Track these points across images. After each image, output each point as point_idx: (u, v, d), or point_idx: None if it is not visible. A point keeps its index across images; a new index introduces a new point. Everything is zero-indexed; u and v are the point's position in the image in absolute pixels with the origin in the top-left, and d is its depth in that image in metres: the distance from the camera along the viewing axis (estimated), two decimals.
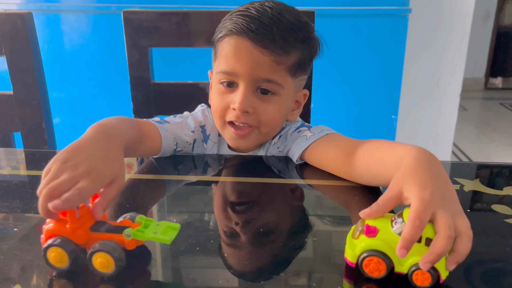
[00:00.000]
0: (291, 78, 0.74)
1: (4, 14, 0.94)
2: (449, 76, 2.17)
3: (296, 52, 0.72)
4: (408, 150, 0.55)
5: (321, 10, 1.24)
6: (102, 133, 0.56)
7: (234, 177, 0.74)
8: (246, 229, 0.56)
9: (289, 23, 0.71)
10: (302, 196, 0.69)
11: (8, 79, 0.98)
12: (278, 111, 0.74)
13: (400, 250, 0.42)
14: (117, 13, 1.79)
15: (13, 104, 0.99)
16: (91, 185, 0.48)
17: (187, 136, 0.80)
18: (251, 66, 0.70)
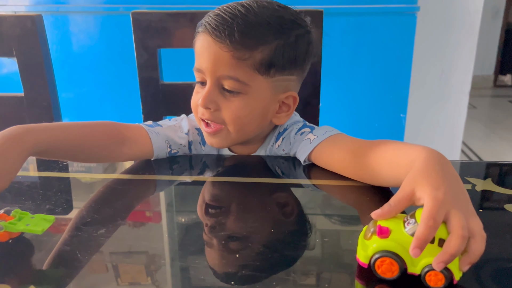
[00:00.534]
0: (263, 76, 0.70)
1: (14, 16, 0.95)
2: (458, 74, 2.15)
3: (264, 49, 0.69)
4: (419, 152, 0.55)
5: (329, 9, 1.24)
6: (5, 132, 0.59)
7: (243, 178, 0.74)
8: (257, 230, 0.56)
9: (259, 19, 0.68)
10: (311, 196, 0.69)
11: (19, 80, 0.99)
12: (245, 111, 0.72)
13: (414, 250, 0.42)
14: (125, 14, 1.81)
15: (23, 106, 1.00)
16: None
17: (181, 138, 0.81)
18: (212, 62, 0.70)
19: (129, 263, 0.51)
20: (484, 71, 4.46)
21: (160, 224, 0.61)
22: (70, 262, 0.50)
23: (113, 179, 0.74)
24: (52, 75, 1.00)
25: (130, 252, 0.53)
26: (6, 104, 1.01)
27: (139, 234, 0.57)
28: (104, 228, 0.56)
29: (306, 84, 1.04)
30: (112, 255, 0.52)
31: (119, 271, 0.50)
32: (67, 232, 0.56)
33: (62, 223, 0.58)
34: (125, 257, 0.52)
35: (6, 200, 0.64)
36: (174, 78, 1.07)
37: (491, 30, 4.30)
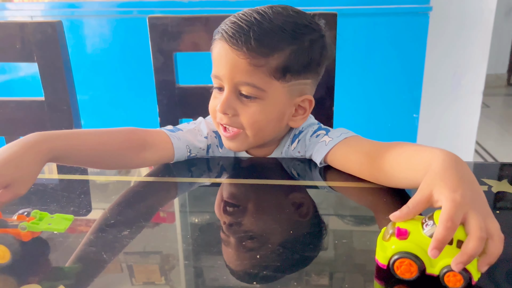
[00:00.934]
0: (279, 82, 0.72)
1: (36, 23, 0.97)
2: (472, 73, 2.14)
3: (280, 55, 0.70)
4: (435, 154, 0.55)
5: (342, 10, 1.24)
6: (22, 141, 0.61)
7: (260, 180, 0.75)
8: (276, 231, 0.57)
9: (273, 26, 0.70)
10: (327, 198, 0.70)
11: (39, 85, 1.01)
12: (262, 115, 0.74)
13: (432, 251, 0.43)
14: (139, 18, 1.83)
15: (44, 110, 1.02)
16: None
17: (200, 142, 0.82)
18: (229, 69, 0.71)
19: (143, 263, 0.52)
20: (498, 69, 4.41)
21: (174, 224, 0.63)
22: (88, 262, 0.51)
23: (134, 181, 0.75)
24: (72, 80, 1.02)
25: (144, 252, 0.54)
26: (27, 108, 1.03)
27: (154, 234, 0.59)
28: (125, 229, 0.58)
29: (320, 85, 1.04)
30: (127, 255, 0.53)
31: (133, 270, 0.51)
32: (89, 233, 0.57)
33: (84, 224, 0.60)
34: (139, 257, 0.53)
35: (31, 202, 0.66)
36: (190, 81, 1.08)
37: (504, 28, 4.25)
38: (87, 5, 1.91)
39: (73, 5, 1.91)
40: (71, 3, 1.93)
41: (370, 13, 1.75)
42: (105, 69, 1.91)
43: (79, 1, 1.94)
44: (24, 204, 0.65)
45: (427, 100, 1.99)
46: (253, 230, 0.58)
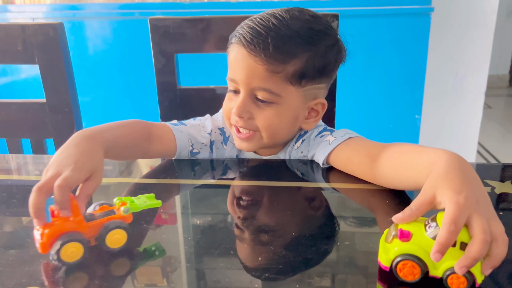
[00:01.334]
0: (294, 87, 0.73)
1: (37, 25, 0.97)
2: (474, 74, 2.14)
3: (297, 61, 0.71)
4: (439, 155, 0.55)
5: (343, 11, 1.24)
6: (77, 137, 0.62)
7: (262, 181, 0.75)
8: (278, 233, 0.57)
9: (291, 32, 0.70)
10: (330, 199, 0.70)
11: (41, 87, 1.01)
12: (277, 119, 0.74)
13: (435, 254, 0.43)
14: (141, 19, 1.83)
15: (46, 112, 1.02)
16: (73, 174, 0.54)
17: (203, 137, 0.83)
18: (247, 75, 0.72)
19: (145, 265, 0.52)
20: (500, 70, 4.40)
21: (176, 226, 0.63)
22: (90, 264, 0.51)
23: (135, 183, 0.75)
24: (73, 82, 1.02)
25: (146, 253, 0.54)
26: (28, 110, 1.03)
27: (156, 236, 0.58)
28: None
29: None
30: (129, 257, 0.53)
31: (135, 272, 0.51)
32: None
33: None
34: (141, 258, 0.53)
35: None
36: (191, 83, 1.08)
37: (506, 29, 4.24)
38: (88, 7, 1.92)
39: (74, 7, 1.92)
40: (72, 5, 1.93)
41: (372, 14, 1.75)
42: (106, 71, 1.92)
43: (80, 3, 1.94)
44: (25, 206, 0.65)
45: (429, 101, 1.99)
46: (255, 232, 0.58)
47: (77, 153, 0.58)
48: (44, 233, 0.49)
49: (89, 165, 0.57)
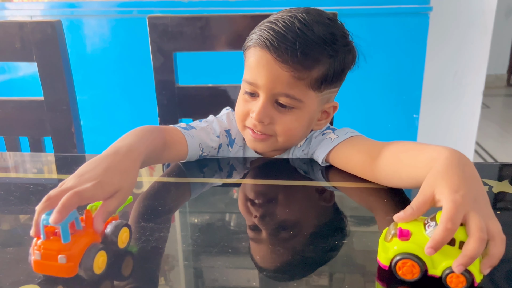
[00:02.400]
0: (315, 92, 0.73)
1: (35, 22, 0.97)
2: (472, 73, 2.14)
3: (320, 67, 0.71)
4: (439, 152, 0.55)
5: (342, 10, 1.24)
6: (115, 149, 0.58)
7: (262, 180, 0.75)
8: (277, 232, 0.57)
9: (316, 38, 0.69)
10: (330, 198, 0.70)
11: (39, 85, 1.01)
12: (296, 124, 0.75)
13: (428, 250, 0.43)
14: (139, 17, 1.83)
15: (43, 109, 1.02)
16: (90, 189, 0.49)
17: (213, 141, 0.82)
18: (270, 80, 0.71)
19: (143, 263, 0.51)
20: (497, 70, 4.41)
21: (174, 224, 0.62)
22: None
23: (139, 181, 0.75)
24: (71, 80, 1.02)
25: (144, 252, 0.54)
26: (26, 108, 1.03)
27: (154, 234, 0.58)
28: None
29: None
30: (127, 255, 0.53)
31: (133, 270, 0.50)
32: None
33: None
34: (139, 257, 0.53)
35: (31, 202, 0.65)
36: (189, 81, 1.08)
37: (504, 29, 4.25)
38: (86, 4, 1.91)
39: (72, 5, 1.91)
40: (70, 3, 1.93)
41: (370, 13, 1.75)
42: (104, 69, 1.91)
43: (78, 1, 1.93)
44: (23, 204, 0.65)
45: (427, 100, 1.99)
46: (253, 231, 0.58)
47: (104, 169, 0.53)
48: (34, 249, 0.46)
49: (112, 183, 0.52)
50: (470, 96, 2.17)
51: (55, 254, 0.45)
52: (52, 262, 0.45)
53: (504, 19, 4.24)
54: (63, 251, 0.45)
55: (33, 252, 0.46)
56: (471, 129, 2.22)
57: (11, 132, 1.08)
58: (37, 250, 0.45)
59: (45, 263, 0.45)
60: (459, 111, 2.19)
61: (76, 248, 0.46)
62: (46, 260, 0.45)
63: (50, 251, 0.45)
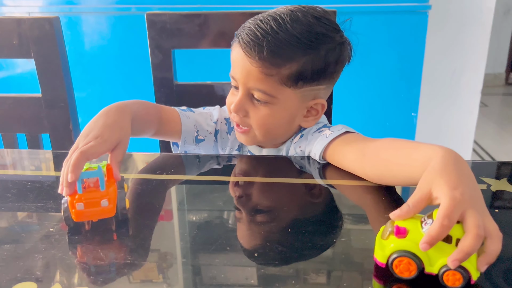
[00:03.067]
0: (290, 88, 0.74)
1: (33, 18, 0.96)
2: (470, 72, 2.14)
3: (293, 65, 0.71)
4: (435, 151, 0.55)
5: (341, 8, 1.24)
6: (109, 108, 0.70)
7: (259, 177, 0.75)
8: (274, 229, 0.57)
9: (288, 36, 0.70)
10: (328, 196, 0.70)
11: (36, 81, 1.01)
12: (271, 118, 0.76)
13: (423, 245, 0.43)
14: (138, 14, 1.82)
15: (41, 106, 1.02)
16: (94, 146, 0.61)
17: (209, 125, 0.87)
18: (243, 75, 0.74)
19: (141, 260, 0.51)
20: (496, 69, 4.41)
21: (172, 222, 0.62)
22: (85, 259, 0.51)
23: (131, 179, 0.75)
24: (69, 76, 1.02)
25: (142, 249, 0.54)
26: (24, 105, 1.03)
27: (152, 232, 0.58)
28: (123, 227, 0.57)
29: None
30: (125, 253, 0.53)
31: (131, 268, 0.50)
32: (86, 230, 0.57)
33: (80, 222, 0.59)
34: (137, 254, 0.53)
35: (28, 199, 0.65)
36: (188, 79, 1.08)
37: (503, 28, 4.25)
38: (85, 1, 1.90)
39: (71, 2, 1.90)
40: (69, 0, 1.92)
41: (369, 11, 1.75)
42: (103, 66, 1.91)
43: None
44: (20, 201, 0.65)
45: (426, 99, 1.99)
46: (251, 228, 0.58)
47: (104, 126, 0.64)
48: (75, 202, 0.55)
49: (114, 138, 0.64)
50: (468, 94, 2.17)
51: (98, 200, 0.56)
52: (95, 208, 0.56)
53: (502, 18, 4.23)
54: (105, 196, 0.56)
55: (73, 206, 0.55)
56: (469, 127, 2.22)
57: (8, 129, 1.07)
58: (78, 202, 0.55)
59: (87, 211, 0.56)
60: (457, 110, 2.19)
61: (112, 193, 0.57)
62: (89, 208, 0.55)
63: (92, 199, 0.56)
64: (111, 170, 0.60)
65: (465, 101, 2.18)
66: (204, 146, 0.90)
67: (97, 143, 0.61)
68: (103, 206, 0.56)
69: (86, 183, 0.58)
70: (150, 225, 0.60)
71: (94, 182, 0.58)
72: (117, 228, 0.57)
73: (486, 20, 2.08)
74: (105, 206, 0.56)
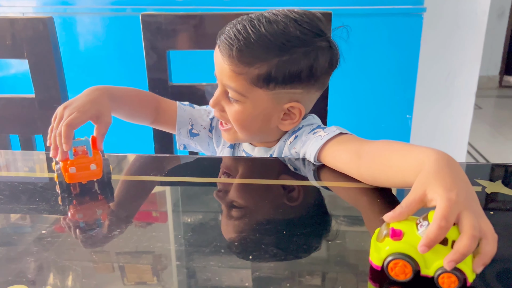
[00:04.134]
0: (261, 89, 0.75)
1: (26, 19, 0.96)
2: (465, 74, 2.15)
3: (263, 66, 0.72)
4: (428, 154, 0.55)
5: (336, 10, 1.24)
6: (91, 88, 0.79)
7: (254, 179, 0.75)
8: (270, 232, 0.57)
9: (260, 37, 0.71)
10: (322, 198, 0.70)
11: (30, 82, 1.00)
12: (243, 116, 0.78)
13: (422, 247, 0.43)
14: (133, 15, 1.82)
15: (34, 107, 1.01)
16: (78, 116, 0.70)
17: (204, 121, 0.92)
18: (218, 72, 0.78)
19: (135, 263, 0.51)
20: (490, 71, 4.44)
21: (167, 224, 0.62)
22: (79, 262, 0.51)
23: (122, 180, 0.74)
24: (63, 77, 1.01)
25: (136, 252, 0.53)
26: (17, 106, 1.02)
27: (146, 234, 0.58)
28: (117, 229, 0.57)
29: None
30: (119, 255, 0.53)
31: (125, 270, 0.50)
32: (80, 233, 0.56)
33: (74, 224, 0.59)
34: (131, 256, 0.52)
35: (21, 201, 0.65)
36: (183, 80, 1.07)
37: (496, 31, 4.28)
38: (79, 2, 1.89)
39: (65, 2, 1.90)
40: (63, 0, 1.91)
41: (365, 13, 1.76)
42: (97, 67, 1.90)
43: None
44: (13, 203, 0.64)
45: (421, 101, 2.00)
46: (246, 230, 0.58)
47: (83, 100, 0.74)
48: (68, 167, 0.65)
49: (93, 110, 0.73)
50: (463, 97, 2.18)
51: (87, 164, 0.66)
52: (85, 171, 0.66)
53: (496, 20, 4.27)
54: (92, 161, 0.67)
55: (66, 170, 0.66)
56: (463, 129, 2.23)
57: (1, 130, 1.07)
58: (71, 166, 0.66)
59: (79, 174, 0.66)
60: (452, 112, 2.20)
61: (99, 158, 0.67)
62: (80, 171, 0.66)
63: (82, 163, 0.66)
64: (95, 140, 0.71)
65: (459, 103, 2.19)
66: (199, 141, 0.93)
67: (79, 114, 0.70)
68: (92, 170, 0.66)
69: (76, 151, 0.68)
70: (144, 226, 0.59)
71: (82, 150, 0.68)
72: (110, 231, 0.57)
73: (480, 22, 2.09)
74: (94, 169, 0.67)
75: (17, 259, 0.51)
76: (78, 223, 0.60)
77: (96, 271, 0.49)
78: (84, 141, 0.68)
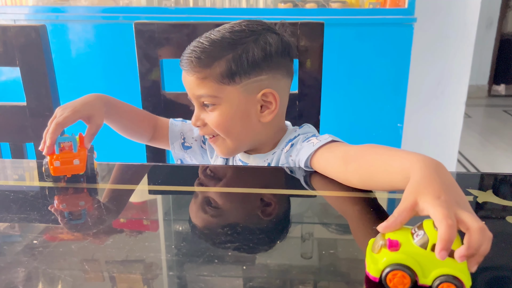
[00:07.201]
0: (230, 86, 0.77)
1: (18, 26, 0.95)
2: (454, 84, 2.18)
3: (220, 64, 0.77)
4: (412, 161, 0.55)
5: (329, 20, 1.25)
6: (89, 94, 0.83)
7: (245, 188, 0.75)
8: (263, 241, 0.56)
9: (209, 42, 0.78)
10: (314, 207, 0.69)
11: (21, 90, 0.99)
12: (223, 118, 0.79)
13: (441, 253, 0.42)
14: (125, 23, 1.82)
15: (26, 115, 1.00)
16: (68, 116, 0.75)
17: (194, 134, 0.94)
18: (187, 88, 0.81)
19: (126, 272, 0.51)
20: (479, 80, 4.50)
21: (158, 232, 0.61)
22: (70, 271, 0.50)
23: (114, 189, 0.74)
24: (55, 85, 1.00)
25: (127, 260, 0.53)
26: (8, 114, 1.01)
27: (137, 242, 0.57)
28: (108, 238, 0.56)
29: (307, 94, 1.04)
30: (109, 264, 0.52)
31: (115, 280, 0.50)
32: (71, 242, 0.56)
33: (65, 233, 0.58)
34: (122, 265, 0.52)
35: (11, 210, 0.64)
36: (175, 88, 1.07)
37: (485, 40, 4.35)
38: (72, 9, 1.89)
39: (57, 10, 1.89)
40: (55, 8, 1.91)
41: (356, 23, 1.77)
42: (89, 75, 1.89)
43: (63, 6, 1.91)
44: (3, 212, 0.63)
45: (411, 110, 2.02)
46: (238, 240, 0.57)
47: (79, 103, 0.79)
48: (53, 161, 0.71)
49: (85, 111, 0.78)
50: (452, 106, 2.21)
51: (71, 159, 0.71)
52: (69, 166, 0.72)
53: (485, 31, 4.34)
54: (76, 157, 0.72)
55: (52, 163, 0.71)
56: (454, 138, 2.25)
57: None
58: (56, 160, 0.71)
59: (63, 167, 0.71)
60: (442, 121, 2.23)
61: (83, 155, 0.73)
62: (64, 165, 0.71)
63: (67, 158, 0.71)
64: (82, 138, 0.75)
65: (449, 112, 2.21)
66: (192, 154, 0.95)
67: (70, 114, 0.76)
68: (75, 164, 0.71)
69: (63, 146, 0.73)
70: (136, 235, 0.58)
71: (69, 146, 0.73)
72: (101, 240, 0.56)
73: (470, 33, 2.13)
74: (77, 164, 0.71)
75: (7, 269, 0.50)
76: (69, 232, 0.59)
77: (86, 281, 0.48)
78: (70, 138, 0.73)
